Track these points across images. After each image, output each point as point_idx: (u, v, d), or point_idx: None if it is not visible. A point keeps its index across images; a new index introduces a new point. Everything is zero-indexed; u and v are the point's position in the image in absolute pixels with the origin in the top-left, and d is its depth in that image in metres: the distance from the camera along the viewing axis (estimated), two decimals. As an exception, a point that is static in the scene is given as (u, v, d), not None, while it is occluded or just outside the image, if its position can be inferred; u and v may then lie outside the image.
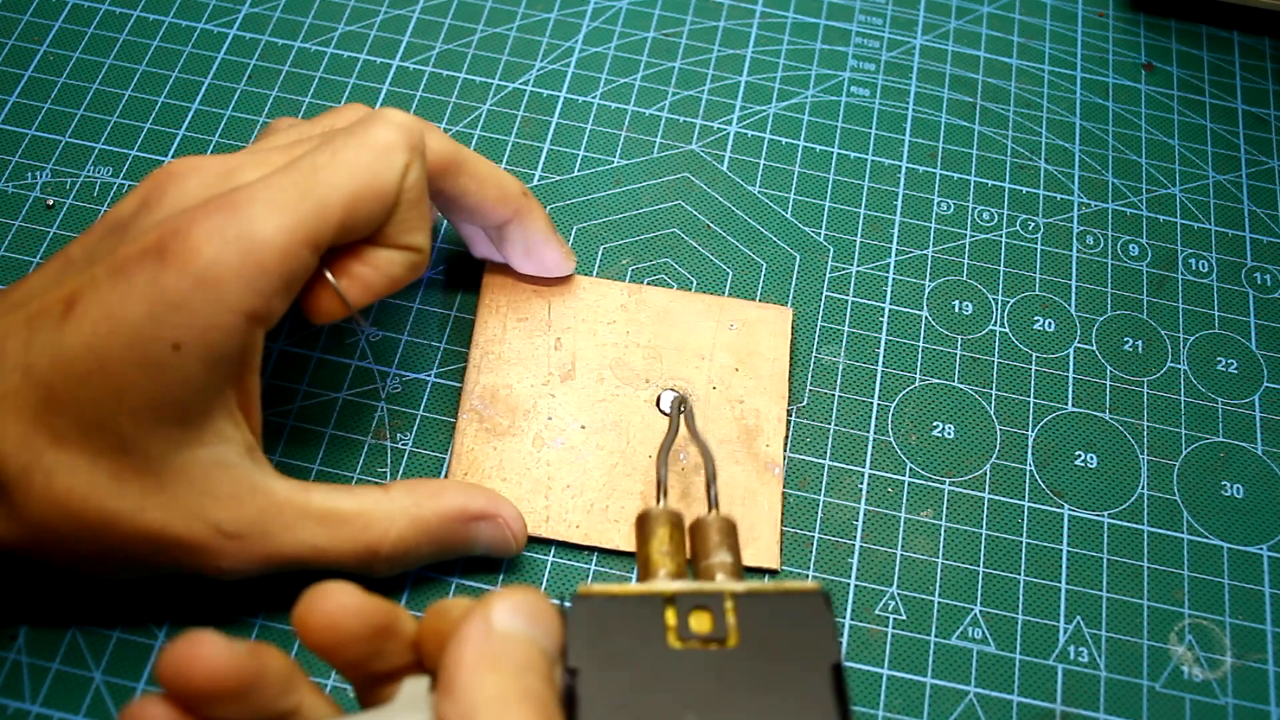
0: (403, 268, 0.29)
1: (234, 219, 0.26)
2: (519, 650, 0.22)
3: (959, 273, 0.39)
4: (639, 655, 0.23)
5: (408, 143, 0.29)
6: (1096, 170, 0.42)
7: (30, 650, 0.31)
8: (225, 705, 0.22)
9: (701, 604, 0.25)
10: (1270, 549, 0.34)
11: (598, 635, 0.24)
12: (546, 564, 0.33)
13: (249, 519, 0.28)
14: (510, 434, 0.34)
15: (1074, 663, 0.32)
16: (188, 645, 0.22)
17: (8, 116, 0.41)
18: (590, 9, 0.45)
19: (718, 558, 0.27)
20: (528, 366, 0.35)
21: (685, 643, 0.24)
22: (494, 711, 0.20)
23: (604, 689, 0.23)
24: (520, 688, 0.21)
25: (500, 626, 0.22)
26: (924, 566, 0.34)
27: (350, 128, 0.29)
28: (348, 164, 0.27)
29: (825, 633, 0.24)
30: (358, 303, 0.29)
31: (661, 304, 0.37)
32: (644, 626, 0.24)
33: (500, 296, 0.37)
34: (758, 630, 0.24)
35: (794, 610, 0.25)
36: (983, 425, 0.36)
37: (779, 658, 0.24)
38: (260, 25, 0.44)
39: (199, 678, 0.22)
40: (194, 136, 0.41)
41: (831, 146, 0.42)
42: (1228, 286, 0.39)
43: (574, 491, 0.33)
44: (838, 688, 0.23)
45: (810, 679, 0.24)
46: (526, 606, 0.23)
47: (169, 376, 0.26)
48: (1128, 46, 0.46)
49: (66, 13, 0.43)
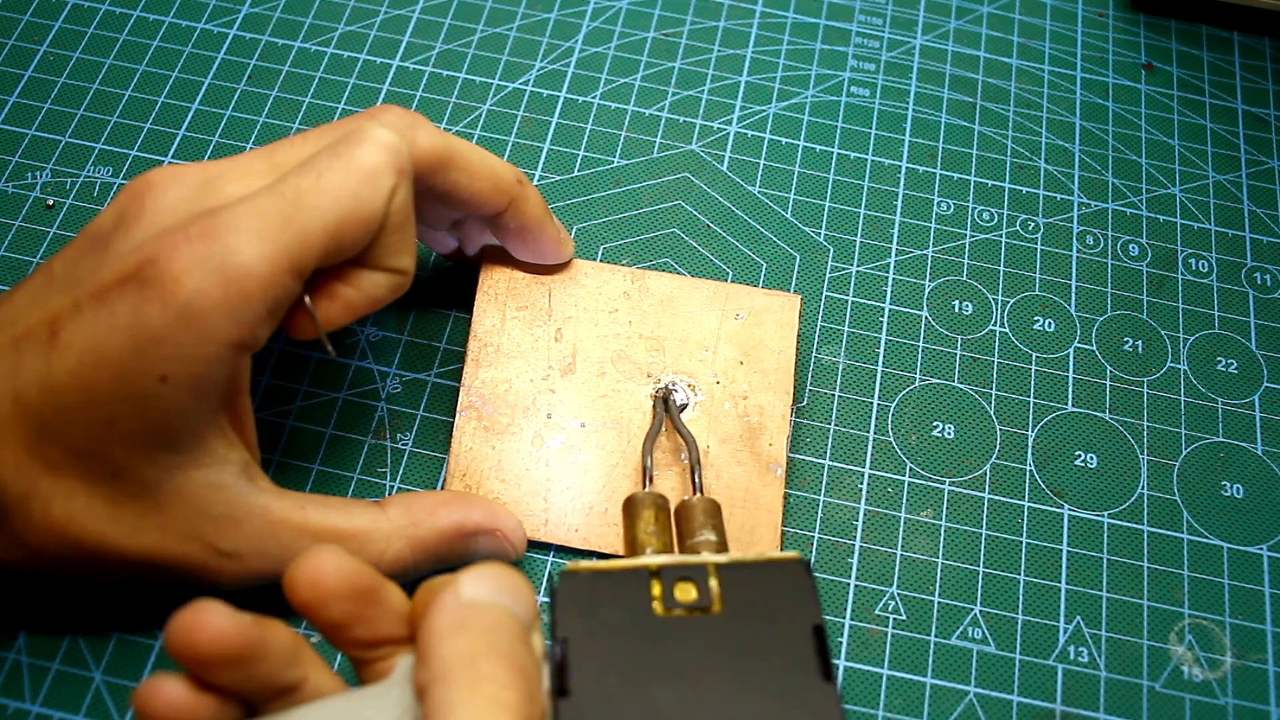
0: (385, 289, 0.29)
1: (215, 247, 0.25)
2: (487, 613, 0.23)
3: (959, 273, 0.39)
4: (626, 624, 0.24)
5: (394, 165, 0.28)
6: (1096, 170, 0.42)
7: (30, 650, 0.31)
8: (230, 671, 0.23)
9: (686, 575, 0.25)
10: (1270, 549, 0.34)
11: (586, 607, 0.25)
12: (546, 563, 0.33)
13: (245, 539, 0.28)
14: (509, 432, 0.34)
15: (1074, 663, 0.32)
16: (194, 612, 0.23)
17: (8, 116, 0.41)
18: (590, 9, 0.45)
19: (702, 536, 0.28)
20: (527, 360, 0.34)
21: (670, 611, 0.25)
22: (464, 668, 0.21)
23: (592, 655, 0.24)
24: (488, 644, 0.22)
25: (468, 595, 0.23)
26: (924, 566, 0.34)
27: (335, 147, 0.27)
28: (332, 189, 0.27)
29: (806, 597, 0.25)
30: (339, 322, 0.29)
31: (665, 291, 0.36)
32: (630, 598, 0.25)
33: (500, 284, 0.35)
34: (741, 597, 0.25)
35: (776, 577, 0.25)
36: (983, 425, 0.36)
37: (762, 621, 0.25)
38: (260, 25, 0.44)
39: (204, 643, 0.22)
40: (194, 136, 0.41)
41: (831, 146, 0.42)
42: (1228, 286, 0.39)
43: (573, 494, 0.33)
44: (820, 648, 0.24)
45: (793, 640, 0.24)
46: (493, 576, 0.24)
47: (157, 407, 0.25)
48: (1128, 46, 0.46)
49: (66, 13, 0.43)
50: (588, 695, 0.23)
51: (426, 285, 0.38)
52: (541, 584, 0.33)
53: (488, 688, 0.21)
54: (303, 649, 0.24)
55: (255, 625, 0.23)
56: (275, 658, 0.23)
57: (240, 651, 0.23)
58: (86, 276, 0.26)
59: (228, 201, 0.26)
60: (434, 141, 0.30)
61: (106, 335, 0.25)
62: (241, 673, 0.23)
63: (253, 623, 0.23)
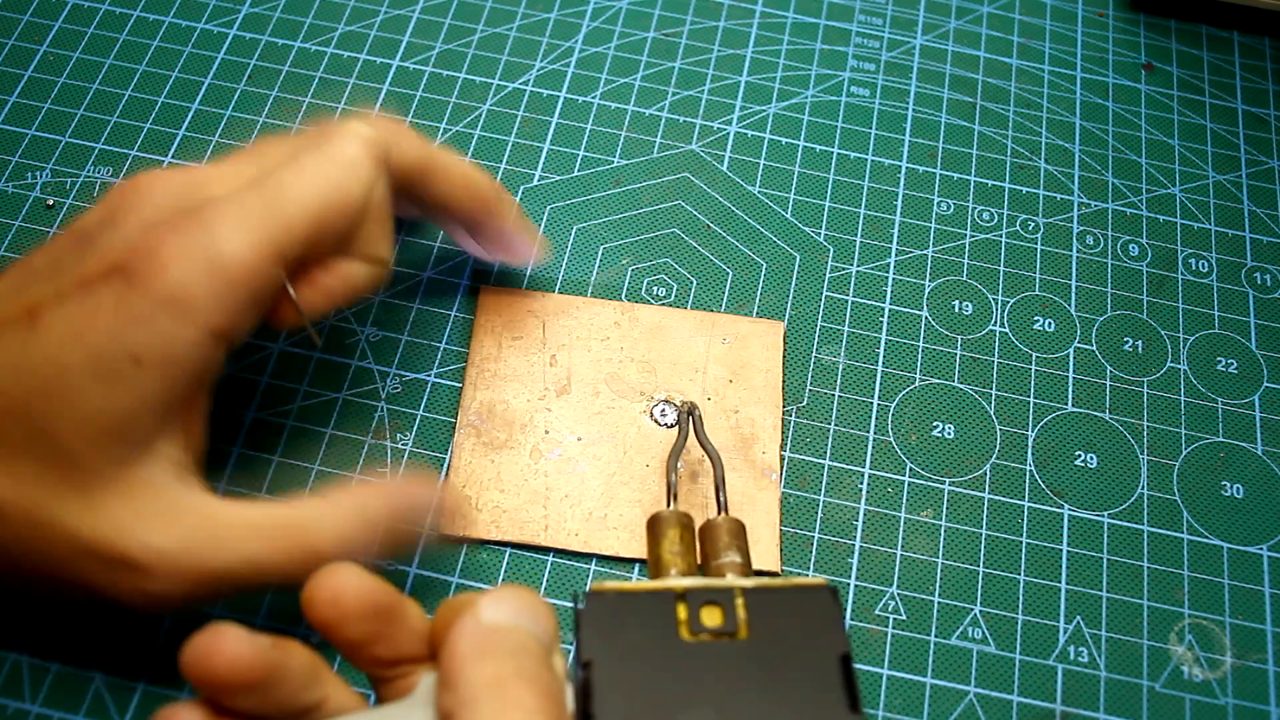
0: (366, 278, 0.30)
1: (201, 237, 0.26)
2: (511, 637, 0.23)
3: (959, 273, 0.39)
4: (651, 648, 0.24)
5: (372, 156, 0.29)
6: (1096, 170, 0.42)
7: (30, 650, 0.31)
8: (248, 697, 0.23)
9: (712, 599, 0.25)
10: (1270, 549, 0.34)
11: (611, 629, 0.24)
12: (546, 564, 0.33)
13: (178, 537, 0.27)
14: (508, 447, 0.34)
15: (1074, 663, 0.32)
16: (211, 638, 0.22)
17: (8, 116, 0.41)
18: (590, 9, 0.45)
19: (727, 558, 0.28)
20: (524, 382, 0.35)
21: (696, 636, 0.24)
22: (492, 694, 0.21)
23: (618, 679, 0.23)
24: (515, 668, 0.22)
25: (489, 619, 0.23)
26: (924, 566, 0.34)
27: (315, 142, 0.29)
28: (314, 179, 0.28)
29: (833, 625, 0.25)
30: (320, 309, 0.29)
31: (654, 320, 0.37)
32: (656, 621, 0.25)
33: (495, 317, 0.37)
34: (767, 623, 0.25)
35: (802, 604, 0.25)
36: (983, 425, 0.36)
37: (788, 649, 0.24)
38: (260, 25, 0.44)
39: (221, 669, 0.22)
40: (194, 136, 0.41)
41: (831, 146, 0.42)
42: (1228, 286, 0.39)
43: (572, 501, 0.34)
44: (846, 677, 0.24)
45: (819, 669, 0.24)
46: (513, 600, 0.23)
47: (123, 389, 0.26)
48: (1128, 46, 0.46)
49: (66, 13, 0.43)
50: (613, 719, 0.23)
51: (427, 285, 0.38)
52: (542, 584, 0.33)
53: (516, 714, 0.21)
54: (321, 670, 0.24)
55: (273, 648, 0.23)
56: (294, 680, 0.23)
57: (258, 676, 0.22)
58: (71, 268, 0.27)
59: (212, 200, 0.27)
60: (415, 152, 0.31)
61: (88, 319, 0.25)
62: (260, 697, 0.23)
63: (271, 645, 0.23)
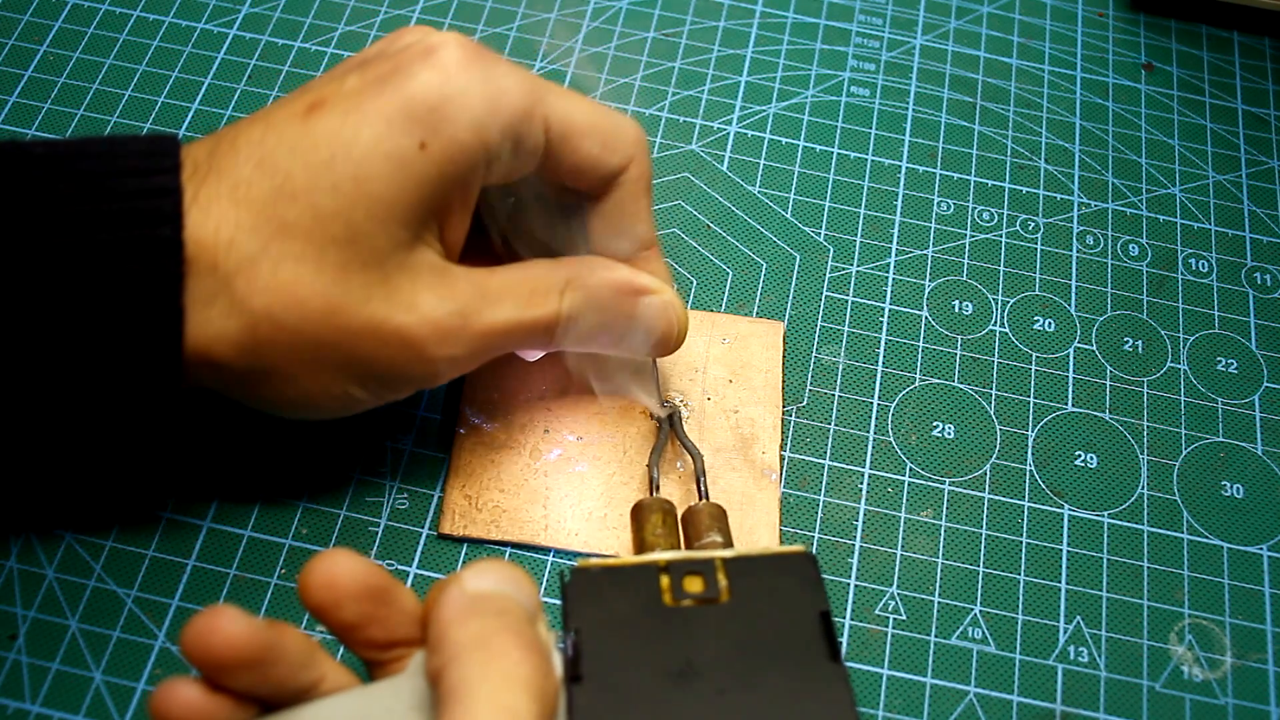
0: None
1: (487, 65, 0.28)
2: (494, 600, 0.23)
3: (959, 273, 0.39)
4: (637, 614, 0.25)
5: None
6: (1096, 170, 0.42)
7: (30, 650, 0.31)
8: (245, 675, 0.23)
9: (694, 569, 0.26)
10: (1270, 549, 0.34)
11: (596, 600, 0.25)
12: (546, 563, 0.33)
13: (457, 305, 0.28)
14: (508, 447, 0.34)
15: (1074, 663, 0.32)
16: (209, 618, 0.23)
17: (8, 116, 0.41)
18: (590, 9, 0.45)
19: (709, 538, 0.29)
20: (524, 382, 0.36)
21: (679, 602, 0.25)
22: (477, 647, 0.22)
23: (605, 643, 0.24)
24: (499, 624, 0.22)
25: (472, 587, 0.23)
26: (924, 566, 0.34)
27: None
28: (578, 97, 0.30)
29: (812, 586, 0.26)
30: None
31: None
32: (641, 591, 0.25)
33: None
34: (748, 588, 0.26)
35: (782, 569, 0.26)
36: (983, 425, 0.36)
37: (769, 609, 0.25)
38: (260, 25, 0.44)
39: (219, 647, 0.23)
40: (195, 136, 0.40)
41: (831, 146, 0.42)
42: (1228, 286, 0.39)
43: (572, 501, 0.34)
44: (827, 631, 0.25)
45: (800, 625, 0.25)
46: (496, 569, 0.24)
47: (409, 174, 0.27)
48: (1128, 46, 0.46)
49: (66, 13, 0.43)
50: (601, 681, 0.23)
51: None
52: (542, 583, 0.33)
53: (501, 663, 0.21)
54: (317, 651, 0.25)
55: (269, 629, 0.23)
56: (290, 660, 0.24)
57: (255, 655, 0.23)
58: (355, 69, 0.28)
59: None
60: (567, 106, 0.30)
61: (377, 98, 0.27)
62: (257, 676, 0.23)
63: (266, 626, 0.23)
